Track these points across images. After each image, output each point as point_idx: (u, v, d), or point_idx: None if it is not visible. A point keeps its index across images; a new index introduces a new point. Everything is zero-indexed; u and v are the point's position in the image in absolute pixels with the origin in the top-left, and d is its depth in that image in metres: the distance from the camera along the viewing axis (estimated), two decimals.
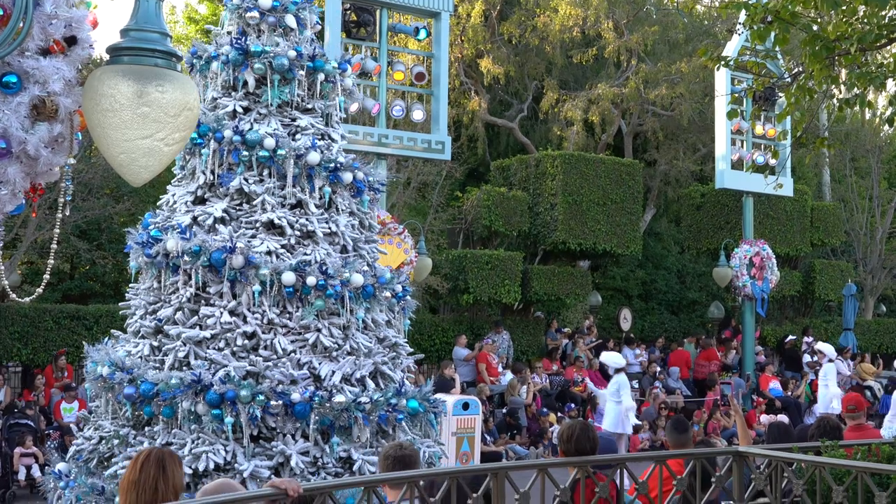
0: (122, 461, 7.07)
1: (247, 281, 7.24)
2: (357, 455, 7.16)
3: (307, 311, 7.36)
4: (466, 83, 24.50)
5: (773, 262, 20.78)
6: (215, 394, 6.91)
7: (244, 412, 6.90)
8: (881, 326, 26.06)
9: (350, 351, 7.52)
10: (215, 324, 7.28)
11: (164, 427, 7.11)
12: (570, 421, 5.96)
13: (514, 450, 15.78)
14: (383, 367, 7.66)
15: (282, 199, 7.68)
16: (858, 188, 28.14)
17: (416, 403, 7.56)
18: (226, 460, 6.87)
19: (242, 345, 7.23)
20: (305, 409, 7.01)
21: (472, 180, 24.23)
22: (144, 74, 3.93)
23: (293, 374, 7.14)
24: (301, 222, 7.62)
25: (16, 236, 16.47)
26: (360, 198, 8.11)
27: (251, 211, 7.63)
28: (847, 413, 8.58)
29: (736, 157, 20.29)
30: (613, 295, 25.25)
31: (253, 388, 6.92)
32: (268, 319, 7.32)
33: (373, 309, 7.76)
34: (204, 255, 7.23)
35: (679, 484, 5.47)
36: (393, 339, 7.96)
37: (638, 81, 24.05)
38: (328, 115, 8.24)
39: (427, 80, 16.26)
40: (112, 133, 4.03)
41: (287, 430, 7.10)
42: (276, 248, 7.42)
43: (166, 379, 6.99)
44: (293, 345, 7.34)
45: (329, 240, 7.72)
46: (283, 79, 7.86)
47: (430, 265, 16.51)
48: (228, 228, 7.49)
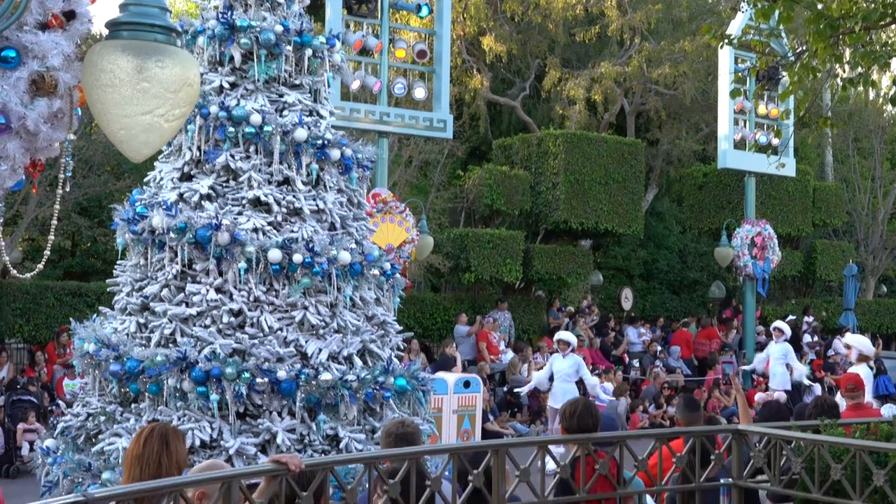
0: (109, 438, 7.08)
1: (233, 258, 7.20)
2: (344, 433, 7.14)
3: (294, 289, 7.33)
4: (468, 61, 24.41)
5: (775, 242, 20.77)
6: (200, 371, 6.89)
7: (229, 389, 6.88)
8: (882, 307, 26.08)
9: (337, 329, 7.49)
10: (201, 301, 7.25)
11: (151, 404, 7.10)
12: (573, 398, 5.97)
13: (514, 427, 15.84)
14: (371, 346, 7.62)
15: (269, 176, 7.62)
16: (861, 169, 28.08)
17: (403, 381, 7.53)
18: (212, 437, 6.86)
19: (229, 322, 7.20)
20: (291, 386, 7.00)
21: (473, 159, 24.18)
22: (144, 50, 3.91)
23: (279, 351, 7.12)
24: (288, 199, 7.56)
25: (17, 213, 16.47)
26: (349, 175, 8.03)
27: (238, 188, 7.57)
28: (846, 393, 8.60)
29: (738, 137, 20.23)
30: (615, 274, 25.25)
31: (238, 365, 6.91)
32: (254, 297, 7.28)
33: (361, 287, 7.72)
34: (189, 231, 7.20)
35: (679, 461, 5.49)
36: (381, 317, 7.92)
37: (641, 60, 23.94)
38: (316, 91, 8.15)
39: (429, 58, 16.19)
40: (112, 109, 4.01)
41: (273, 408, 7.09)
42: (262, 225, 7.38)
43: (152, 356, 6.98)
44: (280, 322, 7.31)
45: (316, 217, 7.67)
46: (269, 54, 7.77)
47: (432, 244, 16.51)
48: (214, 205, 7.44)
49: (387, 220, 15.45)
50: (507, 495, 4.98)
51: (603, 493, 5.32)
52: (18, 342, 16.53)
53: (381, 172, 15.99)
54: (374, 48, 15.63)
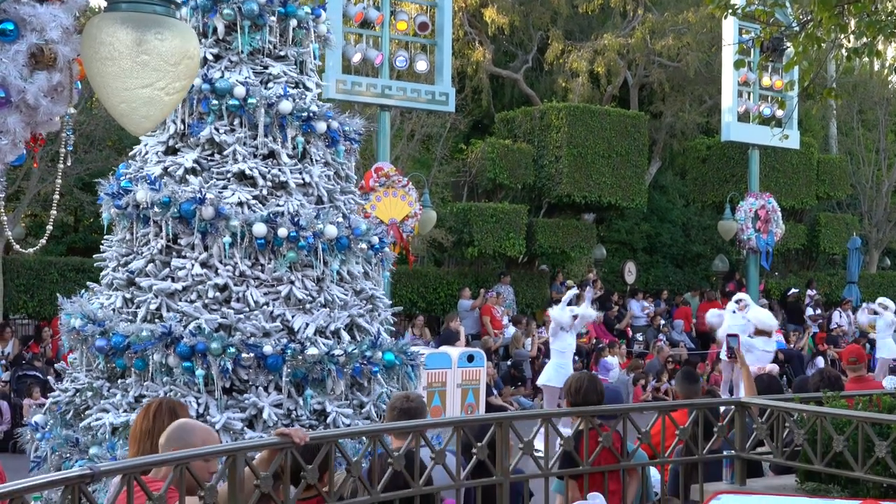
0: (97, 413, 7.05)
1: (217, 232, 7.13)
2: (331, 407, 7.10)
3: (279, 263, 7.26)
4: (470, 33, 24.26)
5: (779, 215, 20.73)
6: (186, 346, 6.84)
7: (215, 364, 6.84)
8: (885, 280, 26.05)
9: (324, 303, 7.42)
10: (187, 276, 7.19)
11: (137, 379, 7.06)
12: (578, 373, 6.00)
13: (518, 401, 15.89)
14: (359, 320, 7.54)
15: (254, 150, 7.51)
16: (865, 141, 27.95)
17: (391, 356, 7.46)
18: (198, 413, 6.81)
19: (214, 297, 7.13)
20: (278, 361, 6.95)
21: (476, 132, 24.10)
22: (143, 22, 3.88)
23: (265, 326, 7.06)
24: (273, 173, 7.45)
25: (19, 189, 16.46)
26: (335, 148, 7.89)
27: (222, 161, 7.46)
28: (848, 365, 8.63)
29: (742, 110, 20.14)
30: (618, 248, 25.23)
31: (224, 340, 6.86)
32: (239, 272, 7.21)
33: (348, 261, 7.64)
34: (174, 206, 7.11)
35: (682, 434, 5.51)
36: (370, 291, 7.84)
37: (644, 32, 23.79)
38: (302, 62, 7.99)
39: (430, 30, 16.10)
40: (112, 82, 3.98)
41: (260, 383, 7.05)
42: (247, 199, 7.28)
43: (137, 331, 6.93)
44: (266, 297, 7.24)
45: (303, 191, 7.57)
46: (253, 25, 7.62)
47: (435, 218, 16.49)
48: (199, 179, 7.34)
49: (389, 195, 15.42)
50: (511, 468, 5.00)
51: (606, 465, 5.34)
52: (23, 318, 16.57)
53: (384, 146, 15.94)
54: (376, 20, 15.53)
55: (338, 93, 15.29)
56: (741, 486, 5.55)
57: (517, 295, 19.38)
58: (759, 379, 7.73)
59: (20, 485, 3.27)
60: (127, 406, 7.01)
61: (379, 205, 15.36)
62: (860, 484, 5.09)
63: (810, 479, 5.38)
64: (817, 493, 5.22)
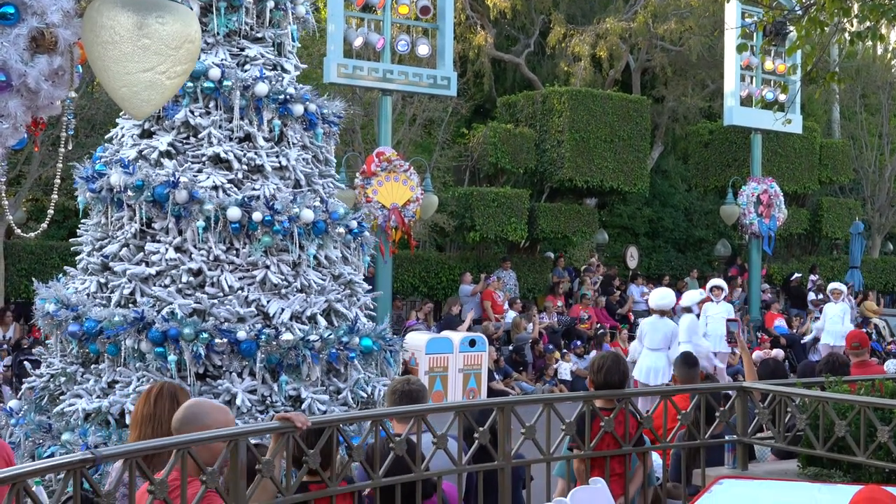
0: (70, 399, 7.01)
1: (191, 217, 7.07)
2: (307, 393, 7.05)
3: (254, 248, 7.20)
4: (472, 17, 24.17)
5: (781, 199, 20.69)
6: (158, 332, 6.80)
7: (188, 350, 6.79)
8: (888, 265, 26.03)
9: (301, 288, 7.36)
10: (160, 260, 7.14)
11: (110, 365, 7.03)
12: (603, 352, 5.98)
13: (520, 386, 15.91)
14: (337, 305, 7.48)
15: (229, 133, 7.44)
16: (868, 125, 27.87)
17: (369, 342, 7.40)
18: None
19: (188, 282, 7.09)
20: (251, 346, 6.90)
21: (478, 117, 24.04)
22: (144, 6, 3.86)
23: (240, 311, 7.00)
24: (249, 156, 7.39)
25: (20, 173, 16.43)
26: (314, 131, 7.82)
27: (198, 144, 7.40)
28: (851, 350, 8.62)
29: (745, 94, 20.07)
30: (620, 233, 25.20)
31: (196, 325, 6.81)
32: (214, 256, 7.15)
33: (326, 245, 7.57)
34: (147, 189, 7.05)
35: (684, 418, 5.51)
36: (349, 276, 7.77)
37: (646, 15, 23.68)
38: (280, 44, 7.90)
39: (432, 14, 16.03)
40: (113, 66, 3.97)
41: (234, 369, 6.99)
42: (222, 182, 7.22)
43: (110, 316, 6.89)
44: (241, 282, 7.19)
45: (279, 174, 7.50)
46: (229, 6, 7.55)
47: (436, 202, 16.46)
48: (173, 162, 7.28)
49: (391, 179, 15.39)
50: (512, 453, 5.01)
51: (609, 450, 5.35)
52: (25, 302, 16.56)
53: (385, 131, 15.90)
54: (377, 4, 15.47)
55: (339, 77, 15.24)
56: (743, 471, 5.56)
57: (519, 280, 19.37)
58: (765, 363, 7.73)
59: (22, 469, 3.28)
60: (100, 392, 6.96)
61: (381, 189, 15.34)
62: (862, 469, 5.10)
63: (812, 464, 5.39)
64: (819, 478, 5.23)
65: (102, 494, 3.47)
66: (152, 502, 3.56)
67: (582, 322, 18.59)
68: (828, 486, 5.02)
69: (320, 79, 17.08)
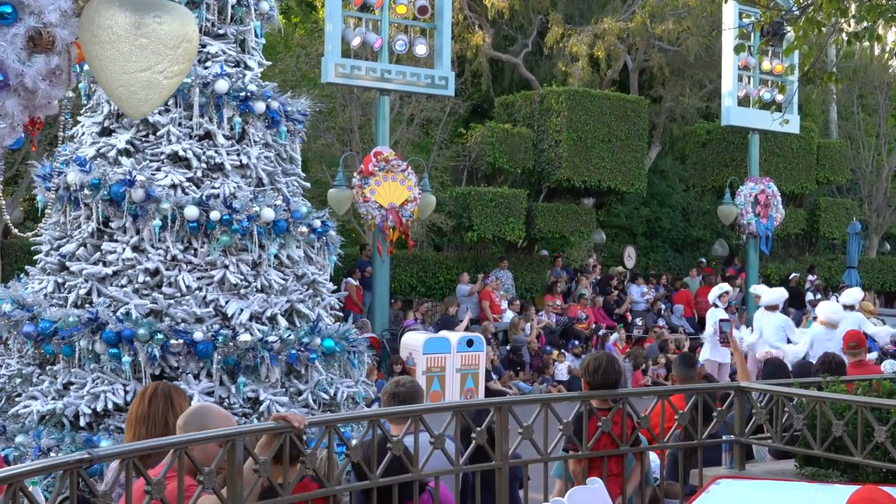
0: (26, 400, 6.93)
1: (147, 216, 6.98)
2: (265, 395, 6.96)
3: (212, 247, 7.08)
4: (470, 17, 24.16)
5: (778, 199, 20.70)
6: (112, 332, 6.70)
7: (142, 351, 6.69)
8: (885, 265, 26.05)
9: (261, 288, 7.24)
10: (117, 260, 7.04)
11: (65, 366, 6.94)
12: (595, 353, 5.96)
13: (517, 386, 15.91)
14: (299, 305, 7.35)
15: (189, 130, 7.32)
16: (865, 125, 27.90)
17: (331, 343, 7.28)
18: (126, 400, 6.68)
19: (145, 282, 6.99)
20: (208, 348, 6.79)
21: (476, 117, 24.04)
22: (141, 5, 3.86)
23: (197, 312, 6.90)
24: (209, 154, 7.27)
25: (17, 172, 16.42)
26: (277, 129, 7.70)
27: (157, 142, 7.29)
28: (847, 350, 8.63)
29: (742, 94, 20.09)
30: (618, 233, 25.21)
31: (151, 326, 6.70)
32: (171, 256, 7.05)
33: (288, 245, 7.44)
34: (104, 188, 6.95)
35: (681, 418, 5.51)
36: (312, 276, 7.64)
37: (644, 15, 23.70)
38: (243, 40, 7.79)
39: (430, 14, 16.03)
40: (110, 66, 3.97)
41: (190, 370, 6.88)
42: (181, 181, 7.11)
43: (64, 317, 6.79)
44: (199, 282, 7.07)
45: (241, 173, 7.38)
46: (190, 2, 7.41)
47: (434, 202, 16.46)
48: (131, 161, 7.17)
49: (389, 179, 15.39)
50: (510, 452, 5.01)
51: (606, 450, 5.35)
52: None
53: (383, 131, 15.90)
54: (375, 4, 15.47)
55: (337, 77, 15.24)
56: (740, 471, 5.57)
57: (516, 280, 19.37)
58: (768, 363, 7.74)
59: (18, 469, 3.28)
60: (55, 393, 6.87)
61: (378, 189, 15.34)
62: (859, 469, 5.10)
63: (809, 463, 5.39)
64: (816, 478, 5.23)
65: (99, 495, 3.46)
66: (149, 502, 3.56)
67: (580, 322, 18.59)
68: (825, 485, 5.03)
69: (318, 78, 17.09)
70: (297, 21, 24.25)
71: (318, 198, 20.06)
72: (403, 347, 14.54)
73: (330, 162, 18.98)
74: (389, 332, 16.00)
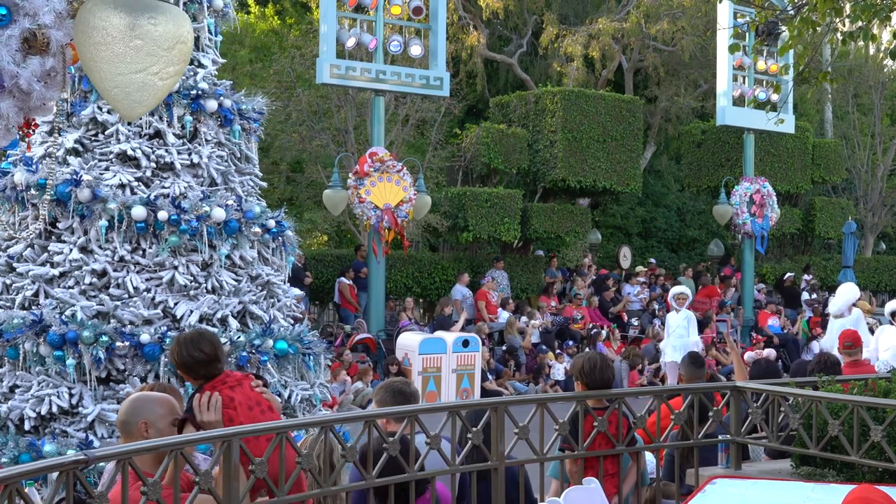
0: None
1: (94, 216, 6.88)
2: None
3: (161, 248, 6.97)
4: (465, 17, 24.18)
5: (774, 199, 20.73)
6: (56, 335, 6.60)
7: (87, 354, 6.59)
8: (881, 264, 26.11)
9: (211, 289, 7.13)
10: (64, 261, 6.95)
11: (10, 368, 6.84)
12: (588, 353, 5.92)
13: (513, 386, 15.92)
14: (252, 307, 7.24)
15: (139, 129, 7.21)
16: (860, 125, 27.95)
17: (284, 345, 7.17)
18: (71, 404, 6.62)
19: (92, 283, 6.89)
20: (154, 350, 6.69)
21: (470, 117, 24.05)
22: (136, 6, 3.85)
23: (144, 313, 6.79)
24: (158, 153, 7.17)
25: None
26: (230, 128, 7.57)
27: (106, 141, 7.19)
28: (844, 350, 8.64)
29: (737, 94, 20.11)
30: (613, 233, 25.24)
31: (96, 328, 6.61)
32: (119, 257, 6.94)
33: (241, 245, 7.32)
34: (50, 188, 6.82)
35: (677, 418, 5.52)
36: (267, 276, 7.52)
37: (639, 16, 23.72)
38: (196, 38, 7.63)
39: (425, 15, 16.03)
40: (105, 67, 3.96)
41: (137, 373, 6.79)
42: (129, 180, 7.01)
43: (9, 319, 6.71)
44: (147, 283, 6.97)
45: (192, 172, 7.28)
46: None
47: (429, 203, 16.47)
48: (78, 160, 7.09)
49: (384, 180, 15.39)
50: (506, 453, 5.01)
51: (602, 450, 5.35)
52: None
53: (378, 131, 15.90)
54: (370, 5, 15.47)
55: (332, 77, 15.24)
56: (736, 471, 5.57)
57: (511, 280, 19.39)
58: (757, 363, 7.75)
59: (15, 470, 3.27)
60: (1, 397, 6.80)
61: (374, 190, 15.34)
62: (855, 468, 5.11)
63: (805, 463, 5.40)
64: (812, 478, 5.24)
65: (95, 495, 3.46)
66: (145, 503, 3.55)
67: (575, 322, 18.61)
68: (821, 485, 5.03)
69: (313, 79, 17.08)
70: (292, 22, 24.24)
71: (313, 198, 20.10)
72: (399, 348, 14.54)
73: (325, 162, 18.98)
74: (385, 332, 16.01)
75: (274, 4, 25.37)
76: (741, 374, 7.84)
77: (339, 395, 13.70)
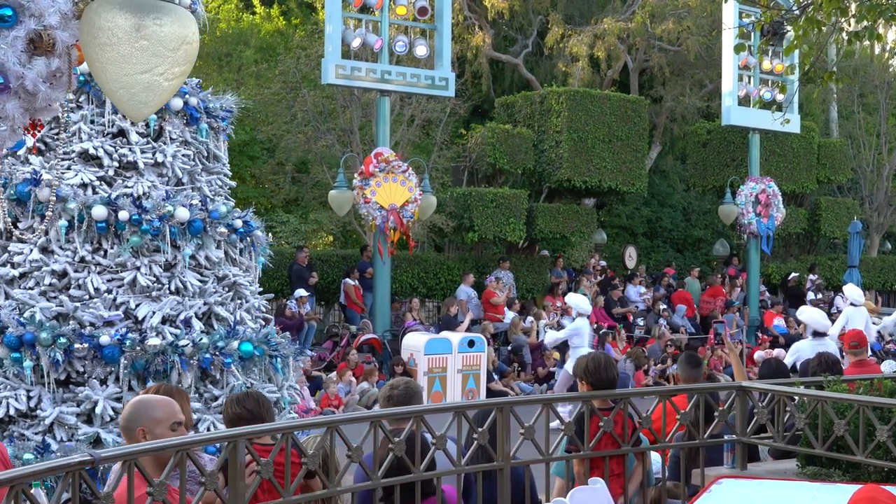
0: None
1: (54, 215, 6.78)
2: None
3: (122, 248, 6.88)
4: (470, 18, 24.17)
5: (779, 199, 20.70)
6: (13, 336, 6.51)
7: (45, 356, 6.49)
8: (886, 264, 26.05)
9: (175, 290, 7.03)
10: (24, 261, 6.88)
11: None
12: (592, 353, 5.91)
13: (518, 386, 15.91)
14: (218, 308, 7.12)
15: (102, 128, 7.13)
16: (866, 124, 27.89)
17: (250, 346, 7.04)
18: (29, 407, 6.55)
19: (52, 284, 6.80)
20: (114, 352, 6.59)
21: (476, 117, 24.05)
22: (142, 7, 3.86)
23: (105, 315, 6.70)
24: (121, 152, 7.08)
25: None
26: (197, 126, 7.46)
27: (68, 140, 7.08)
28: (849, 349, 8.63)
29: (743, 94, 20.09)
30: (619, 233, 25.21)
31: (54, 330, 6.51)
32: (80, 257, 6.86)
33: (206, 245, 7.20)
34: (10, 187, 6.79)
35: (683, 418, 5.51)
36: (234, 277, 7.39)
37: (644, 15, 23.70)
38: None
39: (430, 15, 16.04)
40: (111, 68, 3.97)
41: (97, 375, 6.69)
42: (91, 180, 6.93)
43: None
44: (108, 284, 6.88)
45: (156, 171, 7.18)
46: None
47: (435, 203, 16.47)
48: (39, 159, 6.98)
49: (389, 180, 15.40)
50: (511, 453, 5.01)
51: (608, 450, 5.34)
52: None
53: (383, 132, 15.91)
54: (375, 5, 15.48)
55: (337, 78, 15.25)
56: (742, 471, 5.56)
57: (517, 280, 19.38)
58: (767, 363, 7.72)
59: (21, 471, 3.28)
60: None
61: (379, 190, 15.34)
62: (861, 468, 5.10)
63: (811, 463, 5.39)
64: (818, 478, 5.23)
65: (101, 496, 3.46)
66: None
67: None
68: (827, 485, 5.02)
69: (318, 80, 17.09)
70: (298, 23, 24.26)
71: (319, 199, 20.12)
72: (405, 348, 14.54)
73: (331, 163, 18.99)
74: (391, 332, 16.01)
75: (279, 5, 25.40)
76: (740, 375, 7.83)
77: (345, 395, 13.71)
